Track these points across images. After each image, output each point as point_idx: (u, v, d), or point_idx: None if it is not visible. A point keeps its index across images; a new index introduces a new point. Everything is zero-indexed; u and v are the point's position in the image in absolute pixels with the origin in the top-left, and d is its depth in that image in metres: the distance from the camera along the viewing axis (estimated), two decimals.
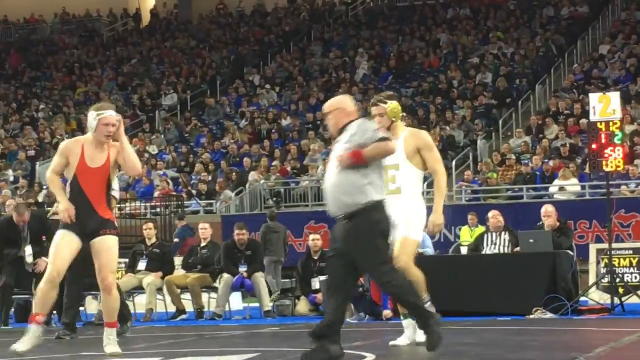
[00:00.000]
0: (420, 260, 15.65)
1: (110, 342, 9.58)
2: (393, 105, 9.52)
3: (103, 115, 9.52)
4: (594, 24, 35.62)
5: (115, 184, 10.82)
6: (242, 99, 35.67)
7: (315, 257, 17.14)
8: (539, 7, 37.64)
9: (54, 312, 16.10)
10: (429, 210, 9.75)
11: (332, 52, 37.72)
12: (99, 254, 9.44)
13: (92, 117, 9.53)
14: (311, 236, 17.79)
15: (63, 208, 9.33)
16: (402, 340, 9.62)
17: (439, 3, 40.69)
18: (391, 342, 9.59)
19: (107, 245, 9.47)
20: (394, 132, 9.46)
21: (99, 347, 9.83)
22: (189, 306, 17.00)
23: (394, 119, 9.52)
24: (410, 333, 9.58)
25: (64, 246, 9.39)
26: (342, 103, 8.68)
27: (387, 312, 14.74)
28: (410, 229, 9.51)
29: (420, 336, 9.12)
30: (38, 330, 9.35)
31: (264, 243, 20.25)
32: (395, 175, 9.46)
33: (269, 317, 16.50)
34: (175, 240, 22.85)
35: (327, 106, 8.76)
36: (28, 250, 15.65)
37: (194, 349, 8.98)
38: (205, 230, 17.60)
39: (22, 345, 9.26)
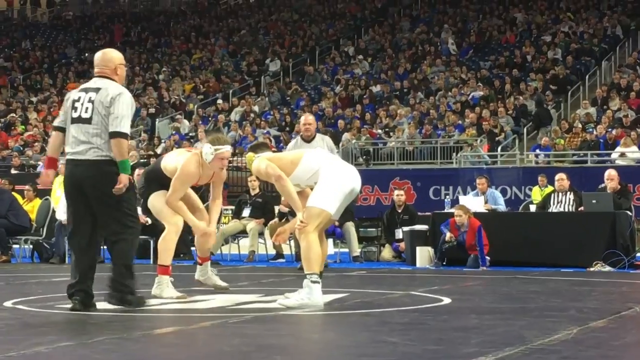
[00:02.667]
0: (494, 216, 15.76)
1: (210, 275, 9.77)
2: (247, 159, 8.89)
3: (220, 151, 9.12)
4: None
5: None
6: (337, 67, 35.67)
7: (399, 210, 17.14)
8: None
9: None
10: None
11: (419, 28, 37.49)
12: (193, 208, 9.50)
13: (209, 150, 9.11)
14: (396, 192, 17.78)
15: (201, 231, 9.41)
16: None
17: None
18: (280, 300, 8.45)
19: (193, 200, 9.54)
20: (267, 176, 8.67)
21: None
22: (287, 250, 17.10)
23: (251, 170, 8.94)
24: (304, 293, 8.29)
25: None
26: None
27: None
28: (313, 198, 8.39)
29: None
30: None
31: None
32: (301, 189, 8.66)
33: (357, 262, 16.53)
34: None
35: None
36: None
37: (290, 287, 9.03)
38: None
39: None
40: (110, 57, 8.17)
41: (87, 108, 7.90)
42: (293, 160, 8.59)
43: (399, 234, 16.77)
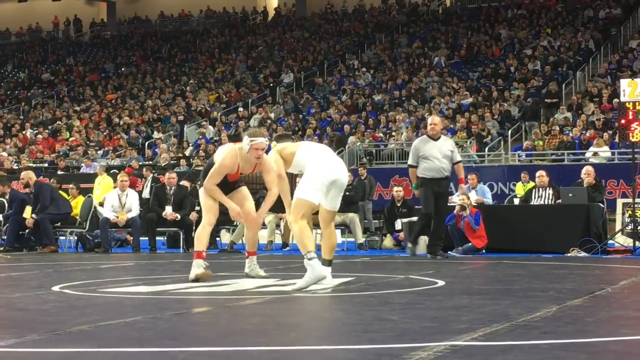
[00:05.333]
0: (482, 208, 15.74)
1: (254, 267, 9.68)
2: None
3: (255, 142, 8.97)
4: (625, 23, 34.93)
5: None
6: (344, 79, 35.65)
7: (398, 204, 17.13)
8: (581, 9, 36.99)
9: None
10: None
11: (415, 43, 37.46)
12: (242, 201, 9.53)
13: (246, 141, 9.00)
14: (395, 188, 17.73)
15: (234, 212, 9.23)
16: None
17: (501, 5, 40.16)
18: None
19: (243, 194, 9.55)
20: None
21: (232, 270, 9.96)
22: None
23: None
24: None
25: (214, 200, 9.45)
26: None
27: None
28: (298, 190, 8.54)
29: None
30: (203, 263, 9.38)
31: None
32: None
33: (362, 249, 16.52)
34: None
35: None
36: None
37: (303, 272, 9.02)
38: None
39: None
40: None
41: None
42: (292, 151, 8.74)
43: (398, 225, 16.76)
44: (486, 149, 26.22)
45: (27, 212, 16.42)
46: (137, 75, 41.49)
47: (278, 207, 16.93)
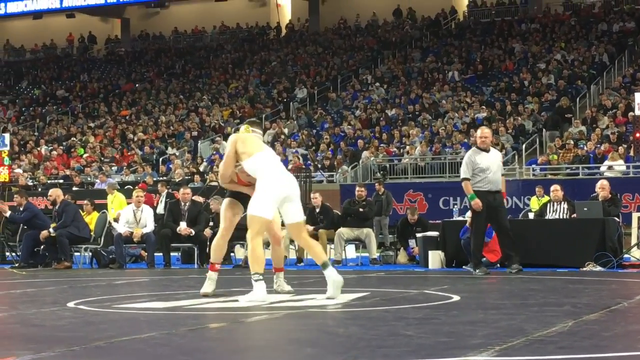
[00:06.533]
0: None
1: (281, 283, 9.58)
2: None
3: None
4: (639, 36, 34.87)
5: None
6: (357, 94, 35.68)
7: (412, 223, 17.08)
8: (595, 23, 36.95)
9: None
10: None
11: (429, 58, 37.48)
12: None
13: None
14: (409, 215, 17.41)
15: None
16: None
17: (514, 19, 40.16)
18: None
19: None
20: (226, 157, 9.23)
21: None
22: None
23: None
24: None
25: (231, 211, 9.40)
26: None
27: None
28: (251, 206, 8.63)
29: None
30: (216, 275, 9.36)
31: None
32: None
33: (376, 264, 16.50)
34: None
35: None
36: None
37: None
38: (316, 199, 17.64)
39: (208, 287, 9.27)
40: None
41: None
42: (247, 152, 8.83)
43: (412, 244, 16.77)
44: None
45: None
46: (151, 91, 41.64)
47: None
